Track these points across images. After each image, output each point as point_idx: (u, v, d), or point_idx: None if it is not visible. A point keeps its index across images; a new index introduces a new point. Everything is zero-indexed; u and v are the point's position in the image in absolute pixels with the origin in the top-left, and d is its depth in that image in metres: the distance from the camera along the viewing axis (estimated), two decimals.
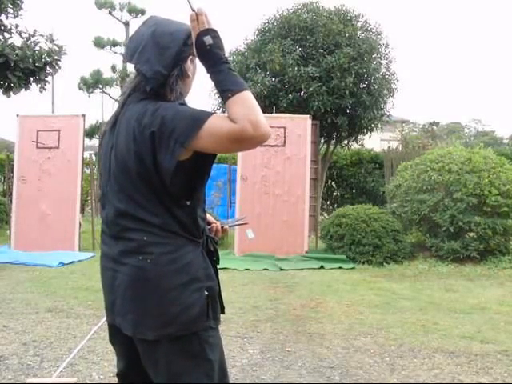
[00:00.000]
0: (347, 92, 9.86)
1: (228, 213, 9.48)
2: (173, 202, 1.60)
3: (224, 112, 1.63)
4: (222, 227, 1.97)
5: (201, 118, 1.50)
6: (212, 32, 1.53)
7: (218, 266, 1.79)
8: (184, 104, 1.64)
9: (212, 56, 1.52)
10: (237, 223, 2.44)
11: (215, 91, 11.04)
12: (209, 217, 1.88)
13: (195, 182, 1.62)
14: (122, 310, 1.64)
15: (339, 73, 9.76)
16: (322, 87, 9.78)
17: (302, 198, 7.94)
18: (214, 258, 1.75)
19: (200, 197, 1.68)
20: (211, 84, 1.57)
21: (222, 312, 1.76)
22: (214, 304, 1.67)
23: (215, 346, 1.66)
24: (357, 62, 9.92)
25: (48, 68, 8.62)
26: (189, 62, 1.66)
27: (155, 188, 1.58)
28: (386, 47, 10.84)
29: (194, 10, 1.53)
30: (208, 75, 1.56)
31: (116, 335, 1.75)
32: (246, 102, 1.48)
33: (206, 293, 1.63)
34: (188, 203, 1.62)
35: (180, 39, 1.62)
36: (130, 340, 1.67)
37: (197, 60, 1.67)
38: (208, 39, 1.51)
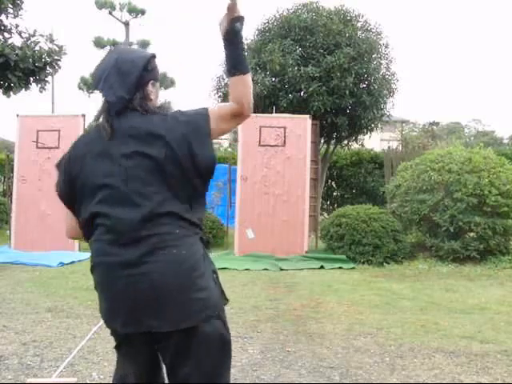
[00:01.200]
0: (347, 92, 9.85)
1: (228, 213, 9.47)
2: (196, 197, 1.78)
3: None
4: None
5: (205, 111, 1.77)
6: (242, 19, 1.78)
7: (219, 266, 1.89)
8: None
9: (238, 39, 1.80)
10: None
11: (215, 91, 11.06)
12: None
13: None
14: (156, 309, 1.67)
15: (339, 73, 9.75)
16: (322, 87, 9.78)
17: (301, 198, 7.94)
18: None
19: (205, 191, 1.86)
20: (211, 84, 1.69)
21: None
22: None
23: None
24: (357, 61, 9.91)
25: (48, 68, 8.62)
26: (150, 85, 1.83)
27: (185, 185, 1.73)
28: (385, 47, 10.83)
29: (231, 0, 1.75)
30: (223, 47, 1.78)
31: (133, 342, 1.78)
32: (249, 83, 1.79)
33: (215, 275, 1.83)
34: (203, 194, 1.82)
35: (140, 66, 1.78)
36: (150, 347, 1.78)
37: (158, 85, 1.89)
38: (238, 26, 1.76)
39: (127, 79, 1.75)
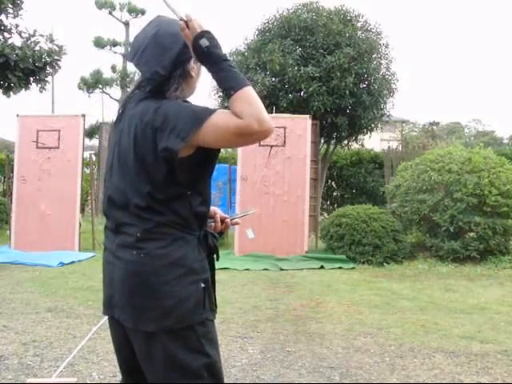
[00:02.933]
0: (347, 92, 9.86)
1: (228, 213, 9.47)
2: (171, 196, 1.60)
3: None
4: (221, 221, 1.89)
5: (203, 114, 1.53)
6: (206, 33, 1.53)
7: (219, 266, 1.79)
8: (187, 102, 1.66)
9: (211, 57, 1.54)
10: (242, 215, 2.25)
11: (215, 91, 11.06)
12: (213, 209, 1.84)
13: (196, 175, 1.63)
14: (121, 303, 1.66)
15: (339, 73, 9.75)
16: (322, 87, 9.78)
17: (301, 198, 7.94)
18: (213, 254, 1.76)
19: (201, 189, 1.67)
20: (211, 84, 1.59)
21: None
22: (211, 296, 1.69)
23: (214, 341, 1.68)
24: (357, 61, 9.91)
25: (48, 68, 8.63)
26: (192, 62, 1.66)
27: (153, 183, 1.59)
28: (385, 47, 10.84)
29: (181, 19, 1.53)
30: (210, 75, 1.58)
31: (112, 326, 1.78)
32: (249, 98, 1.51)
33: (203, 285, 1.64)
34: (188, 193, 1.63)
35: (182, 40, 1.61)
36: (126, 334, 1.70)
37: None
38: (204, 41, 1.52)
39: (166, 54, 1.61)
